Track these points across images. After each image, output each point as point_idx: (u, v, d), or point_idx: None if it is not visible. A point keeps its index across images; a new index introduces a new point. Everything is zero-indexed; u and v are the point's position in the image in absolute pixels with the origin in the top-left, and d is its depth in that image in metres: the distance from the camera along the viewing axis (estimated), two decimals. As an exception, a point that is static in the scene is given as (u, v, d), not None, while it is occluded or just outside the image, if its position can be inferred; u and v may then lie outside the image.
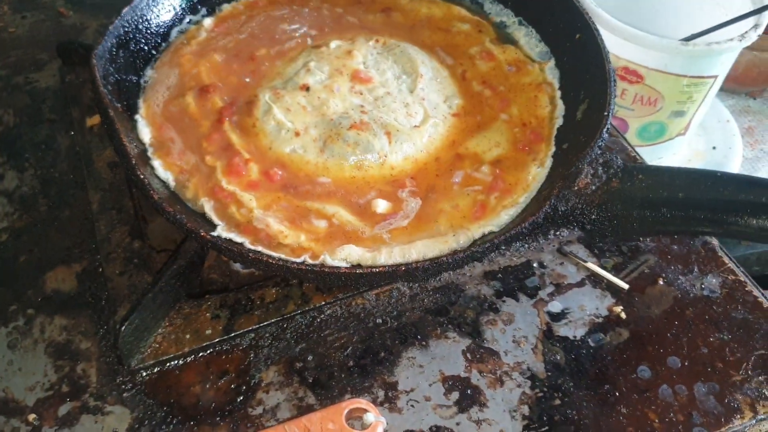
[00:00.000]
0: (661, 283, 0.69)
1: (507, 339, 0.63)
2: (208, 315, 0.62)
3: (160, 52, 0.74)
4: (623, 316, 0.66)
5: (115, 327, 0.61)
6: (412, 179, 0.66)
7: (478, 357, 0.62)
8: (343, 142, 0.66)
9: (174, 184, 0.62)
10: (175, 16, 0.76)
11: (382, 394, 0.59)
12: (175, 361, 0.60)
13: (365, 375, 0.60)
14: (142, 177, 0.55)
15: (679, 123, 1.20)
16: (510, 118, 0.71)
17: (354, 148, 0.66)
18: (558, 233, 0.72)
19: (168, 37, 0.75)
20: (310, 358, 0.61)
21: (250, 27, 0.77)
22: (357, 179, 0.65)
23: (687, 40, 1.08)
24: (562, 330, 0.64)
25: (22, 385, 0.58)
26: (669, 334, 0.65)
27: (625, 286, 0.68)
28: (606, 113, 0.62)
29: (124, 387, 0.58)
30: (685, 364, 0.62)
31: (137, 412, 0.57)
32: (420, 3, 0.83)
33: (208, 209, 0.60)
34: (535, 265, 0.69)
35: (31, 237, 0.69)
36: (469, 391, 0.59)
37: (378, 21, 0.82)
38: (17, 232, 0.70)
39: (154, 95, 0.69)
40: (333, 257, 0.57)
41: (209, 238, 0.54)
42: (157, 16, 0.74)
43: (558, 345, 0.63)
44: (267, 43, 0.76)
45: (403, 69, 0.74)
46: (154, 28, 0.73)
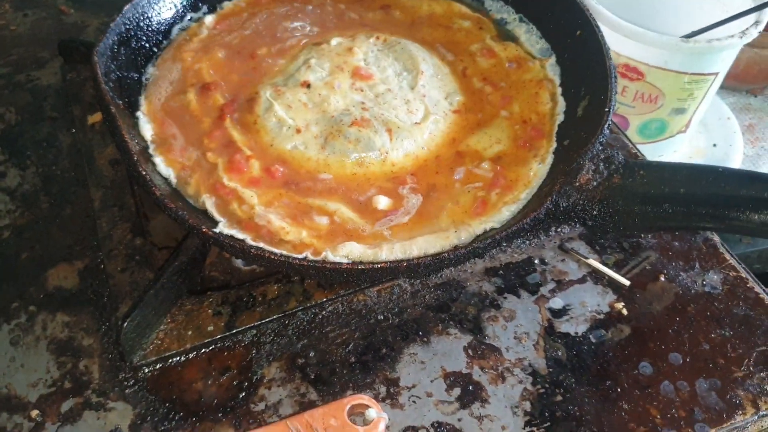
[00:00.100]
0: (662, 279, 0.69)
1: (508, 335, 0.63)
2: (209, 311, 0.63)
3: (161, 49, 0.74)
4: (624, 312, 0.66)
5: (117, 324, 0.61)
6: (412, 176, 0.66)
7: (479, 353, 0.62)
8: (344, 139, 0.66)
9: (175, 181, 0.62)
10: (176, 13, 0.76)
11: (383, 390, 0.59)
12: (177, 358, 0.60)
13: (367, 371, 0.60)
14: (144, 174, 0.55)
15: (680, 120, 1.20)
16: (511, 115, 0.71)
17: (355, 144, 0.66)
18: (559, 230, 0.72)
19: (169, 35, 0.75)
20: (312, 354, 0.61)
21: (251, 24, 0.77)
22: (358, 176, 0.65)
23: (688, 37, 1.08)
24: (564, 326, 0.64)
25: (24, 381, 0.58)
26: (670, 331, 0.65)
27: (627, 283, 0.68)
28: (607, 109, 0.62)
29: (126, 383, 0.58)
30: (687, 360, 0.62)
31: (139, 409, 0.57)
32: (420, 0, 0.83)
33: (209, 206, 0.60)
34: (536, 261, 0.70)
35: (32, 234, 0.69)
36: (470, 387, 0.60)
37: (378, 18, 0.81)
38: (19, 229, 0.70)
39: (156, 92, 0.69)
40: (334, 254, 0.57)
41: (211, 234, 0.54)
42: (159, 13, 0.74)
43: (559, 341, 0.63)
44: (268, 41, 0.76)
45: (403, 66, 0.74)
46: (155, 26, 0.73)
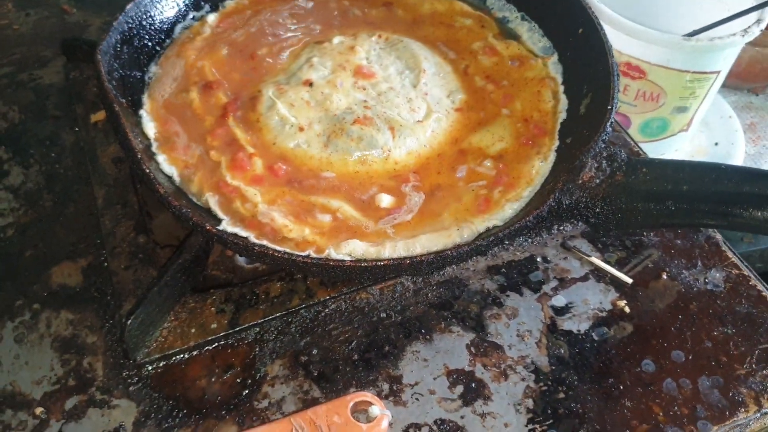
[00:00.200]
0: (664, 277, 0.69)
1: (511, 333, 0.63)
2: (213, 309, 0.63)
3: (164, 48, 0.74)
4: (627, 310, 0.66)
5: (120, 321, 0.61)
6: (415, 174, 0.66)
7: (482, 351, 0.62)
8: (347, 137, 0.66)
9: (179, 179, 0.62)
10: (179, 12, 0.76)
11: (386, 387, 0.59)
12: (181, 355, 0.60)
13: (370, 368, 0.60)
14: (148, 172, 0.55)
15: (682, 119, 1.20)
16: (513, 113, 0.71)
17: (358, 142, 0.66)
18: (561, 228, 0.72)
19: (172, 34, 0.75)
20: (315, 351, 0.61)
21: (254, 22, 0.77)
22: (361, 174, 0.65)
23: (690, 35, 1.08)
24: (566, 324, 0.64)
25: (28, 378, 0.58)
26: (673, 328, 0.65)
27: (629, 281, 0.68)
28: (610, 107, 0.62)
29: (130, 381, 0.59)
30: (689, 357, 0.62)
31: (143, 406, 0.57)
32: (422, -2, 0.83)
33: (212, 204, 0.60)
34: (538, 259, 0.70)
35: (36, 232, 0.69)
36: (473, 385, 0.60)
37: (380, 15, 0.81)
38: (23, 227, 0.70)
39: (159, 91, 0.69)
40: (337, 251, 0.58)
41: (215, 232, 0.54)
42: (161, 12, 0.74)
43: (562, 339, 0.63)
44: (271, 39, 0.76)
45: (406, 64, 0.74)
46: (157, 25, 0.74)
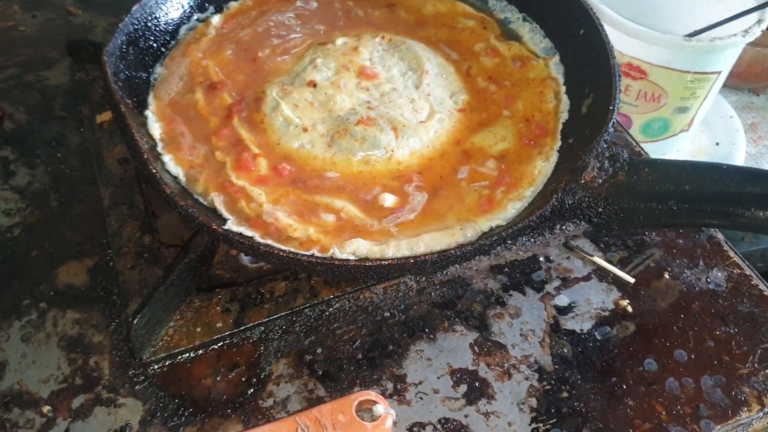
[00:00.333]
0: (666, 276, 0.69)
1: (514, 332, 0.64)
2: (218, 308, 0.63)
3: (169, 49, 0.74)
4: (629, 309, 0.66)
5: (126, 320, 0.62)
6: (418, 174, 0.66)
7: (485, 350, 0.62)
8: (350, 138, 0.66)
9: (184, 179, 0.63)
10: (184, 13, 0.77)
11: (390, 386, 0.60)
12: (187, 354, 0.61)
13: (374, 367, 0.61)
14: (155, 172, 0.56)
15: (683, 119, 1.21)
16: (515, 113, 0.72)
17: (361, 143, 0.66)
18: (564, 227, 0.73)
19: (176, 35, 0.76)
20: (320, 350, 0.62)
21: (258, 24, 0.77)
22: (364, 174, 0.66)
23: (690, 36, 1.08)
24: (569, 323, 0.65)
25: (36, 377, 0.59)
26: (675, 328, 0.65)
27: (631, 280, 0.68)
28: (611, 107, 0.62)
29: (136, 379, 0.59)
30: (692, 357, 0.63)
31: (149, 405, 0.58)
32: (424, 0, 0.83)
33: (218, 204, 0.60)
34: (541, 259, 0.70)
35: (42, 232, 0.70)
36: (477, 384, 0.60)
37: (383, 17, 0.82)
38: (29, 227, 0.70)
39: (164, 91, 0.70)
40: (342, 251, 0.58)
41: (221, 231, 0.55)
42: (166, 13, 0.74)
43: (565, 338, 0.64)
44: (275, 40, 0.76)
45: (408, 65, 0.74)
46: (162, 26, 0.74)
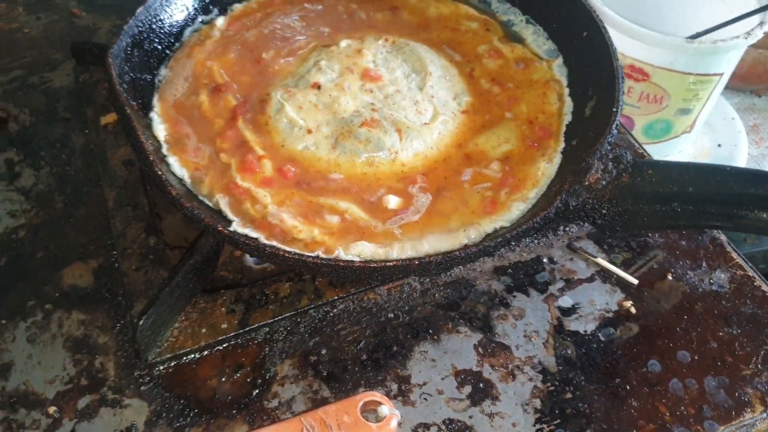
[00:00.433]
0: (669, 278, 0.69)
1: (518, 333, 0.64)
2: (223, 309, 0.63)
3: (173, 51, 0.75)
4: (633, 310, 0.66)
5: (132, 321, 0.62)
6: (422, 175, 0.67)
7: (489, 351, 0.63)
8: (354, 139, 0.67)
9: (190, 181, 0.63)
10: (188, 15, 0.77)
11: (395, 387, 0.60)
12: (192, 355, 0.61)
13: (378, 368, 0.61)
14: (161, 174, 0.56)
15: (685, 121, 1.21)
16: (519, 115, 0.72)
17: (365, 144, 0.67)
18: (567, 229, 0.73)
19: (181, 37, 0.76)
20: (324, 351, 0.62)
21: (263, 25, 0.78)
22: (368, 176, 0.66)
23: (693, 37, 1.09)
24: (573, 325, 0.65)
25: (41, 378, 0.59)
26: (678, 329, 0.65)
27: (635, 281, 0.68)
28: (615, 109, 0.62)
29: (141, 380, 0.59)
30: (695, 358, 0.63)
31: (155, 405, 0.58)
32: (428, 2, 0.84)
33: (223, 205, 0.61)
34: (545, 260, 0.70)
35: (47, 233, 0.70)
36: (481, 385, 0.60)
37: (386, 19, 0.82)
38: (34, 228, 0.71)
39: (169, 94, 0.70)
40: (346, 252, 0.58)
41: (227, 233, 0.55)
42: (171, 15, 0.75)
43: (569, 339, 0.64)
44: (279, 42, 0.77)
45: (412, 67, 0.74)
46: (167, 28, 0.74)
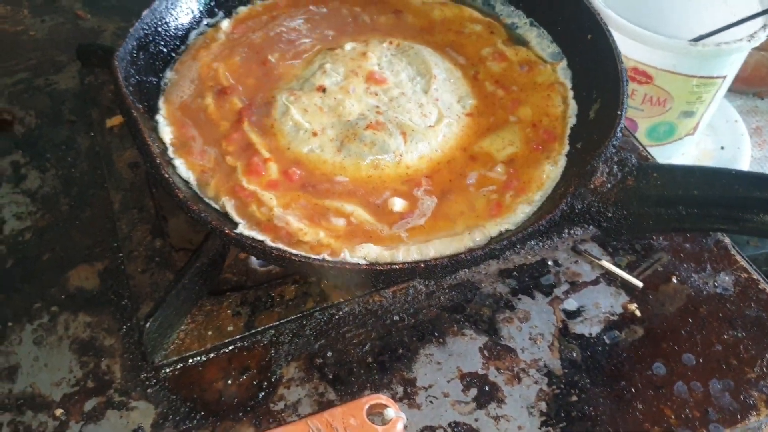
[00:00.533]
0: (674, 281, 0.69)
1: (523, 336, 0.64)
2: (229, 312, 0.63)
3: (179, 54, 0.75)
4: (638, 313, 0.66)
5: (138, 324, 0.62)
6: (427, 178, 0.67)
7: (495, 354, 0.63)
8: (359, 142, 0.67)
9: (196, 184, 0.63)
10: (193, 18, 0.77)
11: (401, 390, 0.60)
12: (198, 358, 0.61)
13: (384, 371, 0.61)
14: (167, 176, 0.56)
15: (688, 123, 1.21)
16: (523, 118, 0.72)
17: (370, 147, 0.67)
18: (572, 232, 0.73)
19: (186, 40, 0.76)
20: (330, 354, 0.62)
21: (268, 28, 0.78)
22: (374, 178, 0.66)
23: (696, 40, 1.09)
24: (578, 327, 0.65)
25: (48, 380, 0.59)
26: (683, 332, 0.65)
27: (639, 284, 0.68)
28: (619, 112, 0.63)
29: (147, 383, 0.59)
30: (700, 361, 0.63)
31: (161, 408, 0.58)
32: (431, 5, 0.84)
33: (229, 208, 0.61)
34: (550, 263, 0.70)
35: (53, 236, 0.70)
36: (486, 388, 0.60)
37: (390, 22, 0.82)
38: (40, 231, 0.71)
39: (175, 96, 0.70)
40: (352, 255, 0.58)
41: (234, 235, 0.55)
42: (176, 18, 0.75)
43: (574, 342, 0.64)
44: (284, 45, 0.77)
45: (417, 70, 0.75)
46: (172, 31, 0.75)
